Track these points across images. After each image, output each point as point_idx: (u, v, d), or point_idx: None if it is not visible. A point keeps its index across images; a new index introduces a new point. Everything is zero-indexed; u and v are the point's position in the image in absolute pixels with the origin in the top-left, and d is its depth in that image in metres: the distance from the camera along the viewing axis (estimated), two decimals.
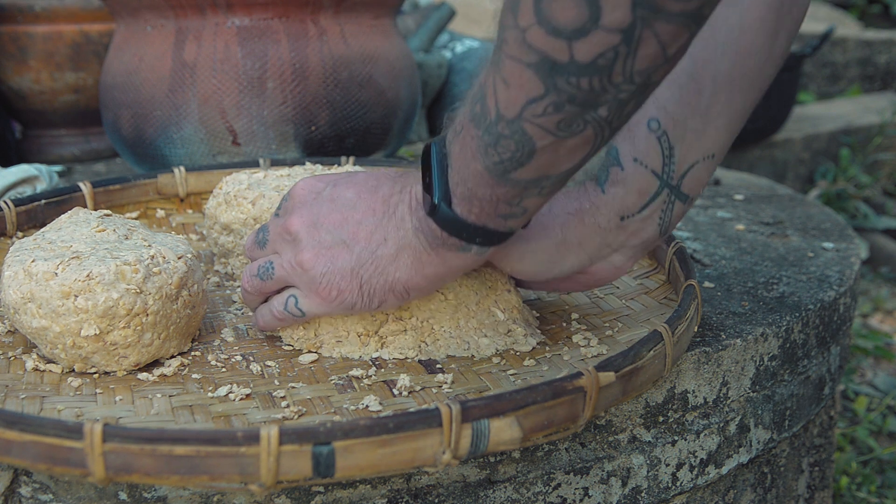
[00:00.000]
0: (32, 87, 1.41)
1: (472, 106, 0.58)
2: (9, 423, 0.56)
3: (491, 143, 0.58)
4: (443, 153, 0.62)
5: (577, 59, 0.51)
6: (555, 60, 0.52)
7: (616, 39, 0.50)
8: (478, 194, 0.61)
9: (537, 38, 0.52)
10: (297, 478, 0.55)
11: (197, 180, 1.03)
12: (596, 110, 0.54)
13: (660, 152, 0.71)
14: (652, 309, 0.81)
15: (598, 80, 0.52)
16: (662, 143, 0.71)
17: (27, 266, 0.69)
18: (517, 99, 0.55)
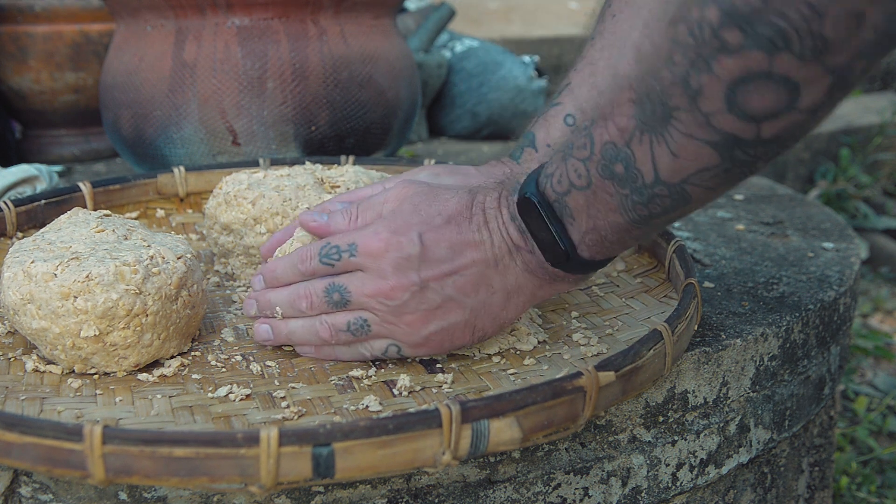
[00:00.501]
0: (32, 87, 1.41)
1: (606, 165, 0.60)
2: (9, 425, 0.56)
3: (641, 202, 0.61)
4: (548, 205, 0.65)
5: (762, 136, 0.54)
6: (739, 138, 0.55)
7: (804, 118, 0.54)
8: (609, 239, 0.65)
9: (725, 122, 0.54)
10: (297, 479, 0.55)
11: (197, 180, 1.03)
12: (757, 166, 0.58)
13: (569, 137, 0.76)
14: (652, 307, 0.81)
15: (774, 147, 0.56)
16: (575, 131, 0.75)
17: (27, 267, 0.69)
18: (686, 168, 0.58)
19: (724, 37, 0.51)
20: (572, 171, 0.63)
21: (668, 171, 0.58)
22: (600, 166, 0.61)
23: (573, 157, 0.63)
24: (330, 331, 0.71)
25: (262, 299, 0.75)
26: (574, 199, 0.64)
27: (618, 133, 0.60)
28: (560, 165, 0.64)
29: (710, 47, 0.52)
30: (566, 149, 0.64)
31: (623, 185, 0.61)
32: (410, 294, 0.68)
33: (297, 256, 0.73)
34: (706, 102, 0.54)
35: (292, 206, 0.86)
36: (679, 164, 0.58)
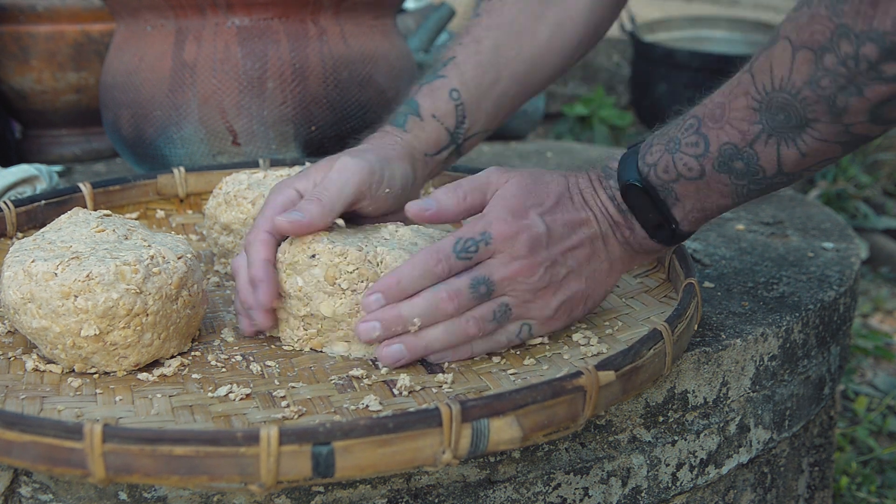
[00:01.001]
0: (34, 87, 1.41)
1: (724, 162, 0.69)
2: (9, 423, 0.56)
3: (757, 189, 0.71)
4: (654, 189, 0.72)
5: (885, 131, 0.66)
6: (867, 137, 0.66)
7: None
8: (709, 215, 0.74)
9: (862, 128, 0.65)
10: (297, 478, 0.55)
11: (197, 180, 1.03)
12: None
13: (454, 117, 0.88)
14: (652, 307, 0.81)
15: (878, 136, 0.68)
16: (458, 111, 0.88)
17: (27, 266, 0.69)
18: (810, 162, 0.68)
19: (883, 69, 0.61)
20: (681, 164, 0.71)
21: (792, 165, 0.68)
22: (717, 162, 0.70)
23: (682, 151, 0.71)
24: (478, 325, 0.71)
25: (389, 316, 0.70)
26: (682, 185, 0.72)
27: (739, 136, 0.68)
28: (665, 156, 0.72)
29: (866, 77, 0.61)
30: (669, 142, 0.72)
31: (741, 178, 0.70)
32: (544, 269, 0.72)
33: (429, 260, 0.71)
34: (850, 117, 0.64)
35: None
36: (805, 161, 0.68)
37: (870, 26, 0.60)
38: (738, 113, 0.68)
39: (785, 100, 0.65)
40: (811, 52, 0.63)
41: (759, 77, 0.67)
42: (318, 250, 0.73)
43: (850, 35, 0.61)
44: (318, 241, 0.74)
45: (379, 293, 0.71)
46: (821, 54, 0.63)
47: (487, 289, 0.71)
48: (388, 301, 0.71)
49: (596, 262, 0.75)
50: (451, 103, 0.87)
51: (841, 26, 0.61)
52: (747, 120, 0.67)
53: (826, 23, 0.62)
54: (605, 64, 3.22)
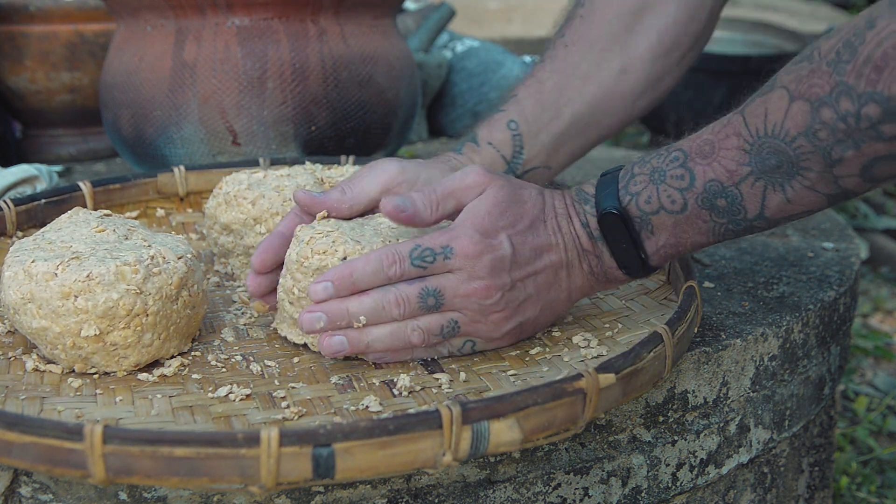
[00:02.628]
0: (29, 87, 1.41)
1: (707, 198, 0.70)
2: (9, 424, 0.56)
3: (736, 230, 0.72)
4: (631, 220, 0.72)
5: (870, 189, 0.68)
6: (852, 193, 0.68)
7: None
8: (681, 252, 0.74)
9: (851, 183, 0.67)
10: (298, 479, 0.55)
11: (197, 179, 1.03)
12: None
13: (511, 146, 0.91)
14: (652, 310, 0.81)
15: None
16: (515, 141, 0.91)
17: (27, 266, 0.69)
18: (792, 210, 0.70)
19: (882, 129, 0.63)
20: (665, 195, 0.71)
21: (774, 210, 0.69)
22: (701, 198, 0.70)
23: (667, 183, 0.71)
24: (422, 336, 0.71)
25: (335, 310, 0.71)
26: (661, 219, 0.72)
27: (726, 174, 0.69)
28: (649, 187, 0.72)
29: (865, 135, 0.64)
30: (653, 173, 0.72)
31: (721, 216, 0.71)
32: (501, 294, 0.71)
33: (384, 259, 0.71)
34: (842, 169, 0.66)
35: (292, 205, 0.86)
36: (788, 207, 0.69)
37: (873, 88, 0.62)
38: (728, 152, 0.69)
39: (778, 146, 0.67)
40: (808, 104, 0.65)
41: (751, 120, 0.68)
42: (349, 252, 0.73)
43: (852, 94, 0.63)
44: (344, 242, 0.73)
45: (329, 282, 0.71)
46: (818, 107, 0.65)
47: (437, 301, 0.71)
48: (338, 292, 0.71)
49: (556, 290, 0.74)
50: (508, 133, 0.90)
51: (842, 83, 0.64)
52: (736, 160, 0.69)
53: (826, 78, 0.64)
54: None
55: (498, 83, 1.64)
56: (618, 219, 0.72)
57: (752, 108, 0.69)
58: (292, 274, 0.74)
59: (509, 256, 0.71)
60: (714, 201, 0.70)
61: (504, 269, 0.71)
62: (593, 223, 0.74)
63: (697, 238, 0.73)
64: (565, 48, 0.93)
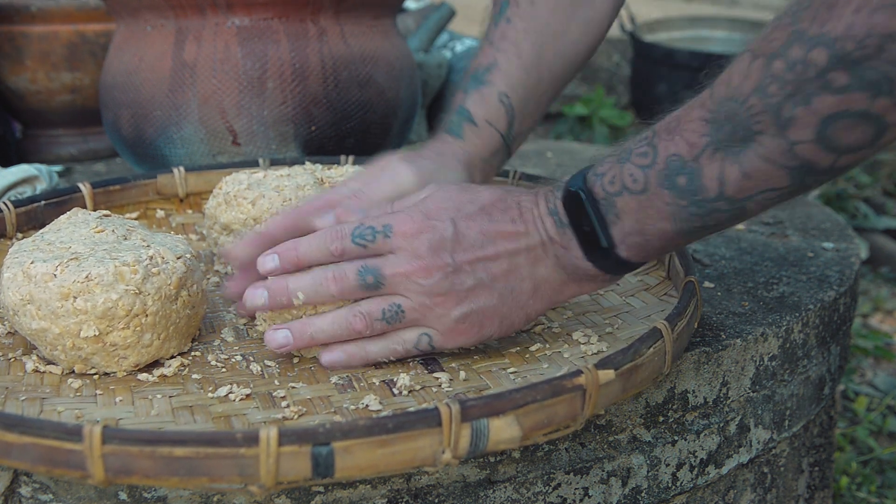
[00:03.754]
0: (29, 87, 1.41)
1: (668, 175, 0.64)
2: (8, 425, 0.56)
3: (699, 214, 0.65)
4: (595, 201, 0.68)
5: (836, 165, 0.60)
6: (815, 166, 0.60)
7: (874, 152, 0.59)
8: (651, 244, 0.68)
9: (808, 151, 0.59)
10: (297, 478, 0.55)
11: (197, 180, 1.03)
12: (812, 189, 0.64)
13: (506, 121, 0.88)
14: (652, 305, 0.81)
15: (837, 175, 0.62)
16: (508, 115, 0.88)
17: (26, 267, 0.69)
18: (754, 188, 0.62)
19: (830, 77, 0.56)
20: (627, 174, 0.66)
21: (734, 188, 0.63)
22: (661, 176, 0.65)
23: (631, 162, 0.66)
24: (364, 321, 0.70)
25: (276, 286, 0.71)
26: (625, 200, 0.67)
27: (686, 147, 0.63)
28: (614, 167, 0.67)
29: (813, 85, 0.56)
30: (622, 153, 0.68)
31: (682, 197, 0.64)
32: (444, 274, 0.69)
33: (327, 236, 0.71)
34: (796, 132, 0.58)
35: (292, 205, 0.86)
36: (748, 184, 0.62)
37: (822, 30, 0.56)
38: (691, 124, 0.63)
39: (733, 109, 0.61)
40: (763, 59, 0.59)
41: (717, 89, 0.62)
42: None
43: (804, 39, 0.57)
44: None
45: (276, 254, 0.72)
46: (771, 60, 0.58)
47: (376, 280, 0.70)
48: (282, 263, 0.72)
49: (515, 279, 0.70)
50: (502, 108, 0.88)
51: (796, 31, 0.57)
52: (697, 131, 0.63)
53: (785, 29, 0.58)
54: (605, 64, 3.22)
55: None
56: (578, 198, 0.68)
57: (721, 76, 0.63)
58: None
59: (450, 237, 0.69)
60: (675, 179, 0.64)
61: (444, 249, 0.69)
62: (560, 208, 0.70)
63: (662, 224, 0.66)
64: (531, 4, 0.90)
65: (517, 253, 0.70)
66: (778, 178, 0.61)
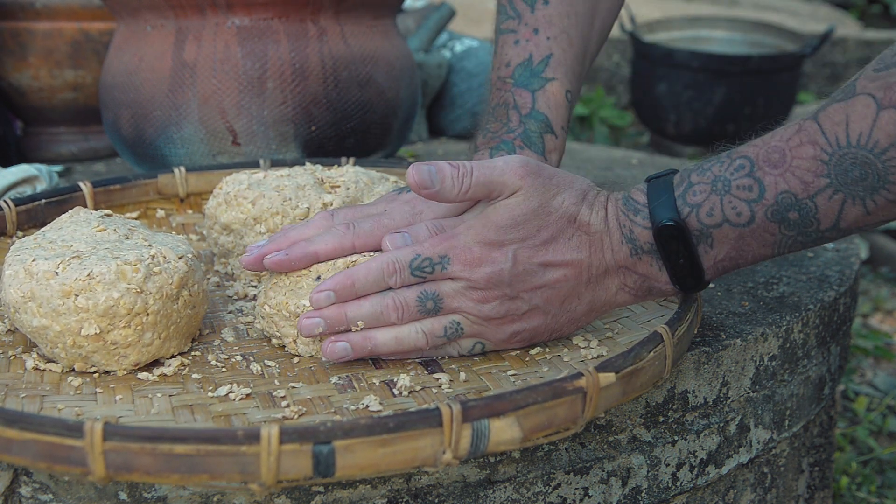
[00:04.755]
0: (32, 84, 1.41)
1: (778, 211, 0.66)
2: (9, 421, 0.56)
3: (804, 242, 0.68)
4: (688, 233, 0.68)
5: None
6: None
7: None
8: (740, 265, 0.71)
9: None
10: (298, 477, 0.55)
11: (197, 180, 1.03)
12: None
13: (568, 118, 0.88)
14: (652, 311, 0.81)
15: None
16: (570, 111, 0.88)
17: (28, 265, 0.69)
18: (869, 221, 0.66)
19: None
20: (730, 207, 0.67)
21: (851, 221, 0.66)
22: (771, 211, 0.66)
23: (732, 194, 0.67)
24: (427, 338, 0.71)
25: (334, 315, 0.71)
26: (724, 232, 0.68)
27: (801, 186, 0.65)
28: (711, 198, 0.68)
29: None
30: (716, 182, 0.68)
31: (791, 229, 0.67)
32: (500, 301, 0.70)
33: (385, 269, 0.70)
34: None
35: (292, 205, 0.86)
36: (866, 219, 0.66)
37: None
38: (803, 162, 0.65)
39: (864, 157, 0.63)
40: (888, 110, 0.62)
41: (829, 128, 0.64)
42: (322, 271, 0.74)
43: None
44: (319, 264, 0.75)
45: (331, 291, 0.71)
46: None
47: (435, 305, 0.70)
48: (339, 300, 0.71)
49: (571, 303, 0.71)
50: (568, 106, 0.87)
51: None
52: (813, 171, 0.65)
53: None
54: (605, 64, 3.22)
55: None
56: (677, 232, 0.68)
57: (830, 114, 0.64)
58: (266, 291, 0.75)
59: (508, 270, 0.69)
60: (786, 214, 0.66)
61: (503, 282, 0.69)
62: (644, 236, 0.69)
63: (761, 251, 0.69)
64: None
65: (577, 281, 0.71)
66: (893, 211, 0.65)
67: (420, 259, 0.70)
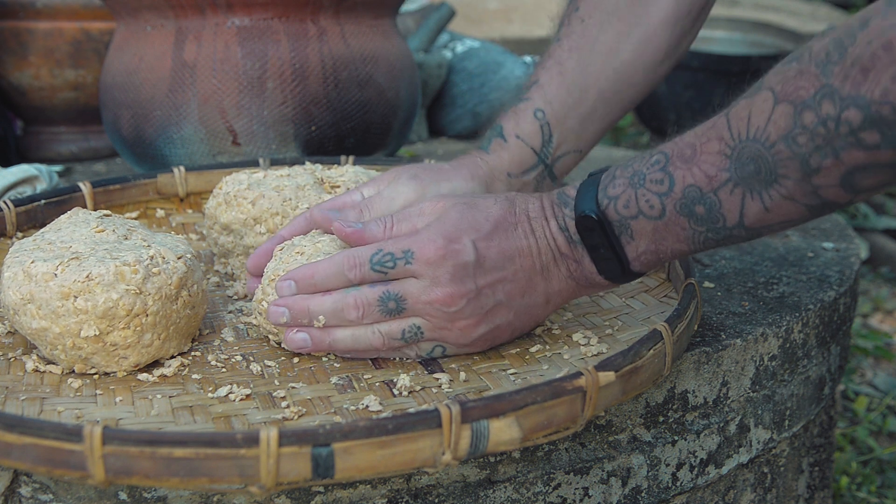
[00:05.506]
0: (32, 84, 1.41)
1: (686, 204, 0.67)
2: (8, 425, 0.56)
3: (716, 239, 0.68)
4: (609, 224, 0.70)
5: (853, 201, 0.63)
6: (834, 204, 0.63)
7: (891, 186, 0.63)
8: (662, 259, 0.71)
9: (832, 193, 0.62)
10: (297, 479, 0.55)
11: (197, 180, 1.03)
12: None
13: (540, 136, 0.87)
14: (652, 307, 0.81)
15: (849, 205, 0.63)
16: (544, 130, 0.87)
17: (27, 267, 0.69)
18: (771, 220, 0.65)
19: (862, 136, 0.58)
20: (643, 200, 0.69)
21: (753, 219, 0.66)
22: (679, 204, 0.67)
23: (646, 188, 0.68)
24: (383, 339, 0.72)
25: (297, 307, 0.72)
26: (640, 224, 0.69)
27: (705, 180, 0.66)
28: (627, 191, 0.69)
29: (844, 141, 0.59)
30: (633, 176, 0.69)
31: (700, 224, 0.67)
32: (466, 301, 0.70)
33: (344, 262, 0.72)
34: (821, 179, 0.61)
35: (292, 205, 0.86)
36: (768, 217, 0.65)
37: (857, 92, 0.58)
38: (709, 157, 0.66)
39: (758, 151, 0.63)
40: (791, 107, 0.61)
41: (735, 123, 0.65)
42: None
43: (836, 97, 0.59)
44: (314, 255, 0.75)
45: (292, 281, 0.73)
46: (801, 110, 0.61)
47: (398, 306, 0.71)
48: (300, 291, 0.73)
49: (531, 295, 0.73)
50: (536, 123, 0.87)
51: (827, 86, 0.59)
52: (716, 165, 0.65)
53: (813, 80, 0.60)
54: None
55: (498, 84, 1.64)
56: (595, 222, 0.70)
57: (737, 110, 0.65)
58: (263, 288, 0.76)
59: (473, 262, 0.70)
60: (693, 208, 0.67)
61: (468, 275, 0.70)
62: (571, 226, 0.71)
63: (677, 245, 0.70)
64: (581, 22, 0.88)
65: (532, 270, 0.72)
66: (797, 212, 0.64)
67: (381, 254, 0.71)
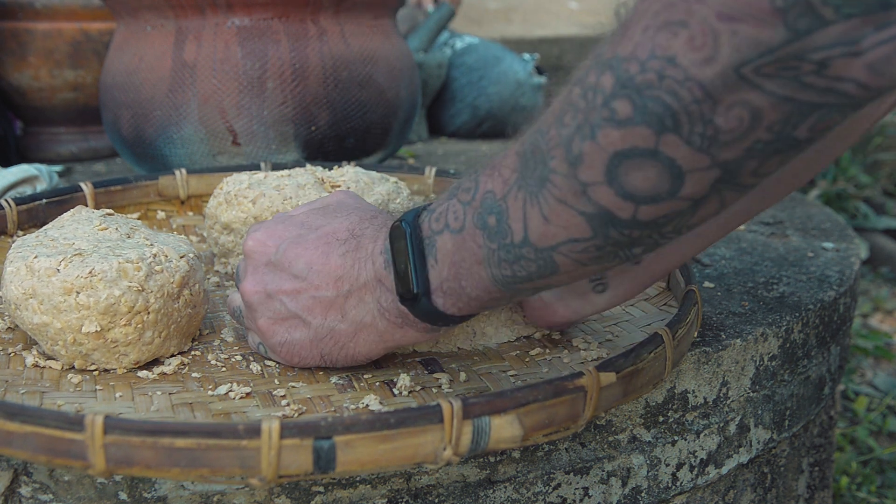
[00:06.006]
0: (31, 84, 1.41)
1: (481, 214, 0.57)
2: (9, 414, 0.56)
3: (508, 260, 0.57)
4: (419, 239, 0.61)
5: (638, 218, 0.51)
6: (615, 216, 0.51)
7: (685, 206, 0.50)
8: (469, 293, 0.60)
9: (603, 196, 0.51)
10: (298, 472, 0.55)
11: (198, 182, 1.03)
12: (633, 249, 0.55)
13: None
14: (652, 315, 0.81)
15: (650, 232, 0.52)
16: None
17: (29, 262, 0.69)
18: (556, 235, 0.54)
19: (614, 106, 0.48)
20: (451, 211, 0.59)
21: (537, 234, 0.55)
22: (476, 214, 0.57)
23: (457, 198, 0.59)
24: (229, 307, 0.76)
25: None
26: (444, 240, 0.60)
27: (500, 184, 0.56)
28: (444, 203, 0.60)
29: (599, 115, 0.48)
30: (454, 188, 0.60)
31: (492, 239, 0.57)
32: (258, 298, 0.69)
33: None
34: (585, 171, 0.50)
35: (293, 204, 0.86)
36: (549, 230, 0.54)
37: (614, 51, 0.48)
38: (508, 158, 0.56)
39: (536, 141, 0.53)
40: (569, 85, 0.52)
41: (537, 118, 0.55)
42: None
43: (599, 63, 0.49)
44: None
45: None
46: (573, 86, 0.51)
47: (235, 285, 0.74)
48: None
49: (333, 319, 0.66)
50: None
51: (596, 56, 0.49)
52: (510, 167, 0.55)
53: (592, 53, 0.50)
54: None
55: (497, 78, 1.64)
56: (402, 232, 0.61)
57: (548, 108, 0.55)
58: None
59: (273, 262, 0.68)
60: (486, 218, 0.57)
61: (265, 273, 0.69)
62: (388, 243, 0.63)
63: (476, 269, 0.59)
64: None
65: (338, 291, 0.65)
66: (577, 226, 0.53)
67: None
